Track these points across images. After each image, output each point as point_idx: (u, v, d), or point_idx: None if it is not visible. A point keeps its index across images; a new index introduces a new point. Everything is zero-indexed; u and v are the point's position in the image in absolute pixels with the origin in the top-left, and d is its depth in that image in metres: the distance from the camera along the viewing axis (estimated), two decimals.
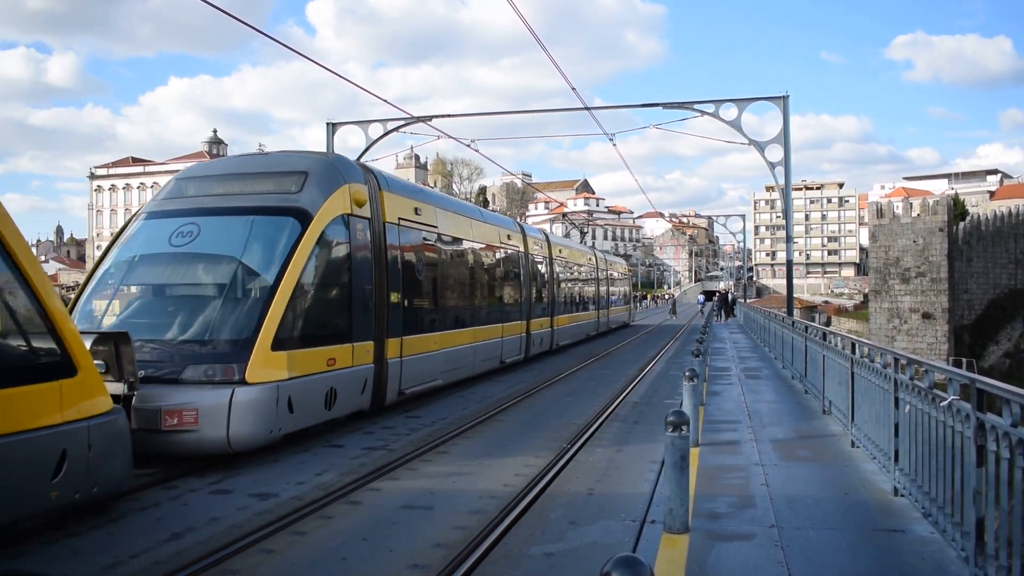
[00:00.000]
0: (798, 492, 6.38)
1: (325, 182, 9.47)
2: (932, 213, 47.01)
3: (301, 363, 8.46)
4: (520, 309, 17.92)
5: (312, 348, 8.74)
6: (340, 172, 9.83)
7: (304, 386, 8.47)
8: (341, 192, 9.56)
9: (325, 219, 9.14)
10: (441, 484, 7.09)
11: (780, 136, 22.31)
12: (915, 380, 5.46)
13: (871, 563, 4.80)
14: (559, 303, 22.24)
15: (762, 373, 15.69)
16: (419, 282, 11.80)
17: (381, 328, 10.27)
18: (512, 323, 17.07)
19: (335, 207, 9.38)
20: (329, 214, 9.23)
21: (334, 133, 25.42)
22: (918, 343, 45.40)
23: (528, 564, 5.00)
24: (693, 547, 5.00)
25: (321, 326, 9.13)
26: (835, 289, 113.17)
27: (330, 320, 9.39)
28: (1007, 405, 3.73)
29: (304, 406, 8.46)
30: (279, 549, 5.30)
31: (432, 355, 12.02)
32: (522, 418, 10.86)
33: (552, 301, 21.28)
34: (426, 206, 12.40)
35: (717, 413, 10.37)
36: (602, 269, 30.82)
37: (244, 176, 9.86)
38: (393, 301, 10.64)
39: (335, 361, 9.13)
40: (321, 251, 9.10)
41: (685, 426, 5.36)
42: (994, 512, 3.90)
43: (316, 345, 8.83)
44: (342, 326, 9.47)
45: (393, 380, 10.60)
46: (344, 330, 9.47)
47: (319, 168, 9.69)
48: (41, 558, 5.15)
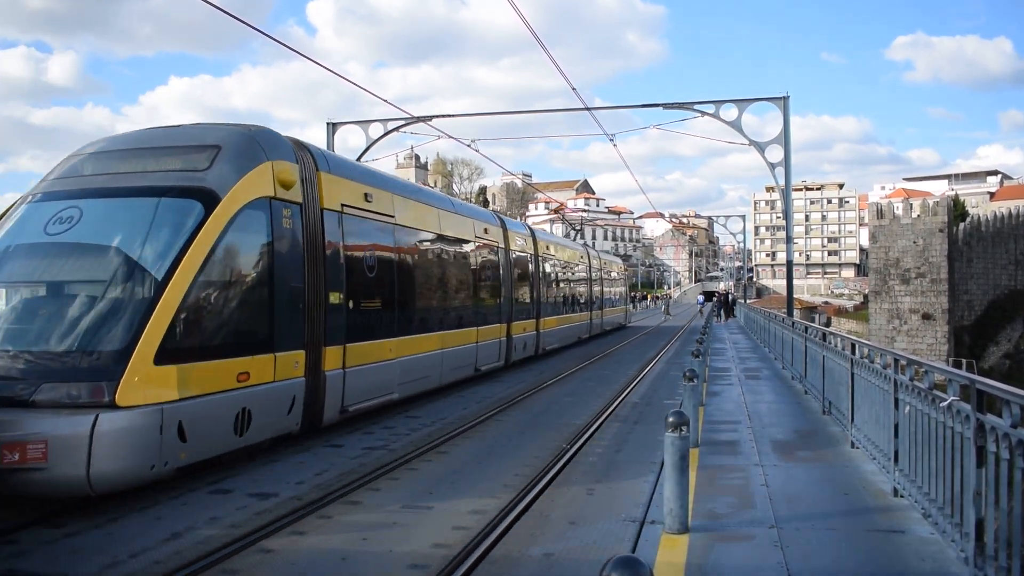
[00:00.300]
0: (798, 492, 6.39)
1: (241, 158, 7.94)
2: (932, 214, 47.02)
3: (198, 379, 6.88)
4: (499, 311, 16.42)
5: (215, 360, 7.16)
6: (261, 147, 8.23)
7: (202, 408, 6.87)
8: (261, 171, 8.04)
9: (238, 202, 7.61)
10: (439, 487, 7.09)
11: (780, 137, 22.32)
12: (915, 381, 5.46)
13: (871, 564, 4.79)
14: (546, 304, 20.82)
15: (762, 374, 15.69)
16: (370, 280, 10.27)
17: (316, 334, 8.73)
18: (489, 326, 15.52)
19: (252, 188, 7.87)
20: (244, 196, 7.71)
21: (334, 133, 25.42)
22: (918, 344, 45.40)
23: (527, 564, 5.00)
24: (693, 548, 4.99)
25: (229, 333, 7.54)
26: (835, 290, 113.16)
27: (242, 325, 7.77)
28: (1007, 406, 3.73)
29: (203, 433, 6.86)
30: (279, 549, 5.29)
31: (386, 365, 10.49)
32: (522, 419, 10.85)
33: (538, 302, 19.83)
34: (380, 192, 10.87)
35: (717, 413, 10.37)
36: (596, 268, 29.42)
37: (147, 151, 8.10)
38: (334, 302, 9.14)
39: (249, 375, 7.54)
40: (231, 241, 7.53)
41: (685, 426, 5.36)
42: (994, 513, 3.90)
43: (221, 356, 7.25)
44: (260, 332, 7.91)
45: (333, 395, 9.06)
46: (263, 337, 7.91)
47: (235, 142, 8.09)
48: (41, 557, 5.15)
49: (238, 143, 8.11)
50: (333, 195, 9.45)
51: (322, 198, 9.18)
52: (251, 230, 7.91)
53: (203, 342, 7.14)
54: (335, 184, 9.56)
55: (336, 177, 9.65)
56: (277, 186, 8.23)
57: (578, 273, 26.32)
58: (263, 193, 8.03)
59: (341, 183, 9.75)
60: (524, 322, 18.44)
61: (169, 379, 6.58)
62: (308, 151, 9.25)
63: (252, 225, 7.91)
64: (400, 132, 25.00)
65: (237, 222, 7.60)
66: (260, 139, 8.37)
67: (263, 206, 8.02)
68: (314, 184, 9.07)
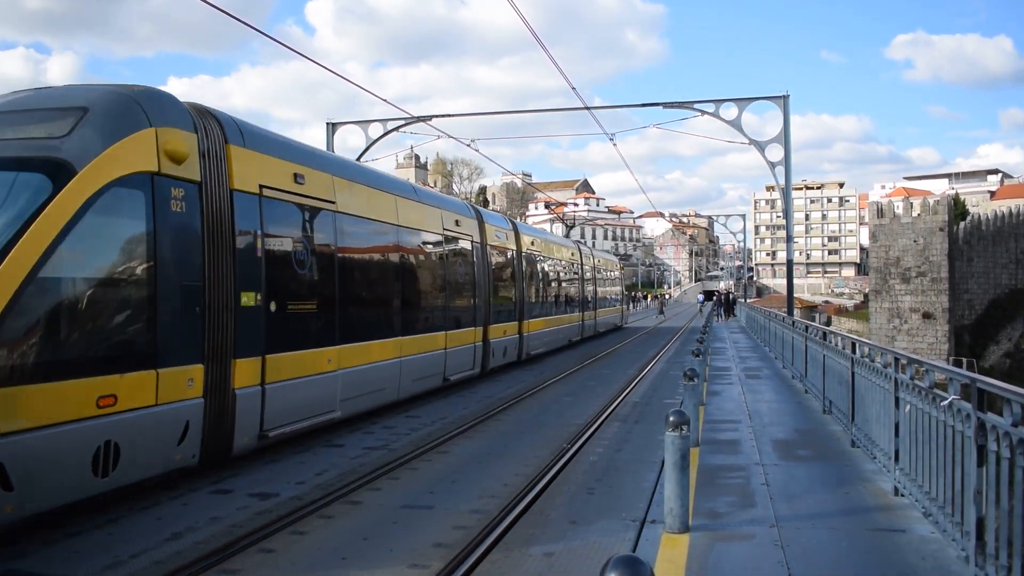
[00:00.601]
0: (798, 491, 6.39)
1: (111, 123, 6.37)
2: (932, 213, 47.03)
3: (31, 407, 5.35)
4: (474, 312, 14.76)
5: (60, 381, 5.59)
6: (143, 111, 6.61)
7: (38, 444, 5.32)
8: (140, 140, 6.46)
9: (102, 177, 6.08)
10: (439, 486, 7.09)
11: (780, 136, 22.34)
12: (915, 380, 5.46)
13: (871, 563, 4.79)
14: (531, 304, 19.28)
15: (762, 373, 15.69)
16: (302, 278, 8.78)
17: (222, 344, 7.22)
18: (461, 330, 13.96)
19: (126, 160, 6.30)
20: (112, 170, 6.17)
21: (334, 133, 25.44)
22: (918, 343, 45.40)
23: (528, 563, 5.00)
24: (693, 547, 4.99)
25: (83, 345, 5.95)
26: (835, 289, 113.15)
27: (104, 335, 6.17)
28: (1008, 405, 3.73)
29: (41, 477, 5.36)
30: (279, 549, 5.30)
31: (323, 378, 8.92)
32: (523, 418, 10.85)
33: (521, 302, 18.26)
34: (316, 174, 9.15)
35: (717, 413, 10.36)
36: (588, 266, 27.62)
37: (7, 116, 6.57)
38: (248, 305, 7.61)
39: (116, 399, 5.98)
40: (89, 226, 5.98)
41: (685, 426, 5.36)
42: (995, 512, 3.90)
43: (69, 376, 5.67)
44: (134, 344, 6.36)
45: (247, 418, 7.53)
46: (139, 350, 6.36)
47: (106, 104, 6.49)
48: (42, 558, 5.15)
49: (110, 105, 6.50)
50: (248, 174, 7.87)
51: (232, 177, 7.59)
52: (121, 213, 6.38)
53: (39, 358, 5.55)
54: (252, 161, 7.98)
55: (253, 153, 8.04)
56: (163, 159, 6.63)
57: (569, 271, 24.85)
58: (141, 167, 6.42)
59: (261, 160, 8.15)
60: (504, 325, 16.87)
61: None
62: (215, 119, 7.67)
63: (123, 207, 6.36)
64: (400, 132, 25.03)
65: (100, 203, 6.06)
66: (141, 101, 6.70)
67: (142, 183, 6.44)
68: (221, 160, 7.50)
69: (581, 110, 22.25)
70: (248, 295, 7.65)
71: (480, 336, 15.08)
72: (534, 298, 19.91)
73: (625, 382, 14.80)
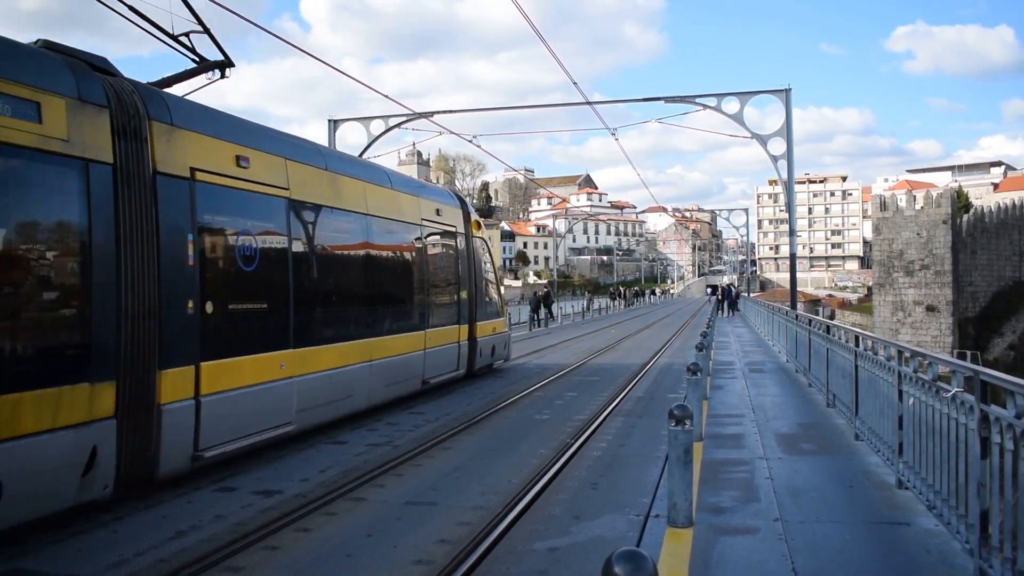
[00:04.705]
0: (802, 485, 6.39)
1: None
2: (936, 206, 46.95)
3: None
4: (457, 309, 13.66)
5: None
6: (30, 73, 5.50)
7: None
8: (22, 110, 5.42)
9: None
10: (443, 482, 7.10)
11: (782, 129, 22.30)
12: (919, 373, 5.45)
13: (876, 556, 4.79)
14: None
15: (766, 367, 15.68)
16: (248, 275, 7.80)
17: (141, 352, 6.21)
18: (443, 328, 12.90)
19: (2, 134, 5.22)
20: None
21: (335, 130, 25.44)
22: (922, 336, 45.37)
23: (532, 559, 5.00)
24: (697, 541, 5.00)
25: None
26: (839, 282, 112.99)
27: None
28: (1011, 397, 3.73)
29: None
30: (284, 546, 5.31)
31: (274, 386, 7.94)
32: (523, 416, 10.86)
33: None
34: (263, 157, 8.17)
35: (721, 407, 10.36)
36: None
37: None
38: (177, 306, 6.68)
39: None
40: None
41: (688, 420, 5.36)
42: (998, 504, 3.90)
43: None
44: (23, 358, 5.39)
45: (176, 437, 6.58)
46: (28, 366, 5.39)
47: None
48: (45, 556, 5.16)
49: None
50: (176, 155, 6.84)
51: (155, 158, 6.58)
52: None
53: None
54: (182, 140, 6.94)
55: (184, 131, 7.00)
56: (53, 130, 5.58)
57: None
58: (22, 141, 5.35)
59: (193, 139, 7.12)
60: (494, 322, 15.67)
61: None
62: (135, 90, 6.67)
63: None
64: (401, 128, 25.04)
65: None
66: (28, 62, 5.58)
67: (26, 163, 5.43)
68: (141, 138, 6.47)
69: (583, 105, 22.26)
70: (176, 295, 6.67)
71: (466, 334, 13.97)
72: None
73: (625, 382, 14.79)
